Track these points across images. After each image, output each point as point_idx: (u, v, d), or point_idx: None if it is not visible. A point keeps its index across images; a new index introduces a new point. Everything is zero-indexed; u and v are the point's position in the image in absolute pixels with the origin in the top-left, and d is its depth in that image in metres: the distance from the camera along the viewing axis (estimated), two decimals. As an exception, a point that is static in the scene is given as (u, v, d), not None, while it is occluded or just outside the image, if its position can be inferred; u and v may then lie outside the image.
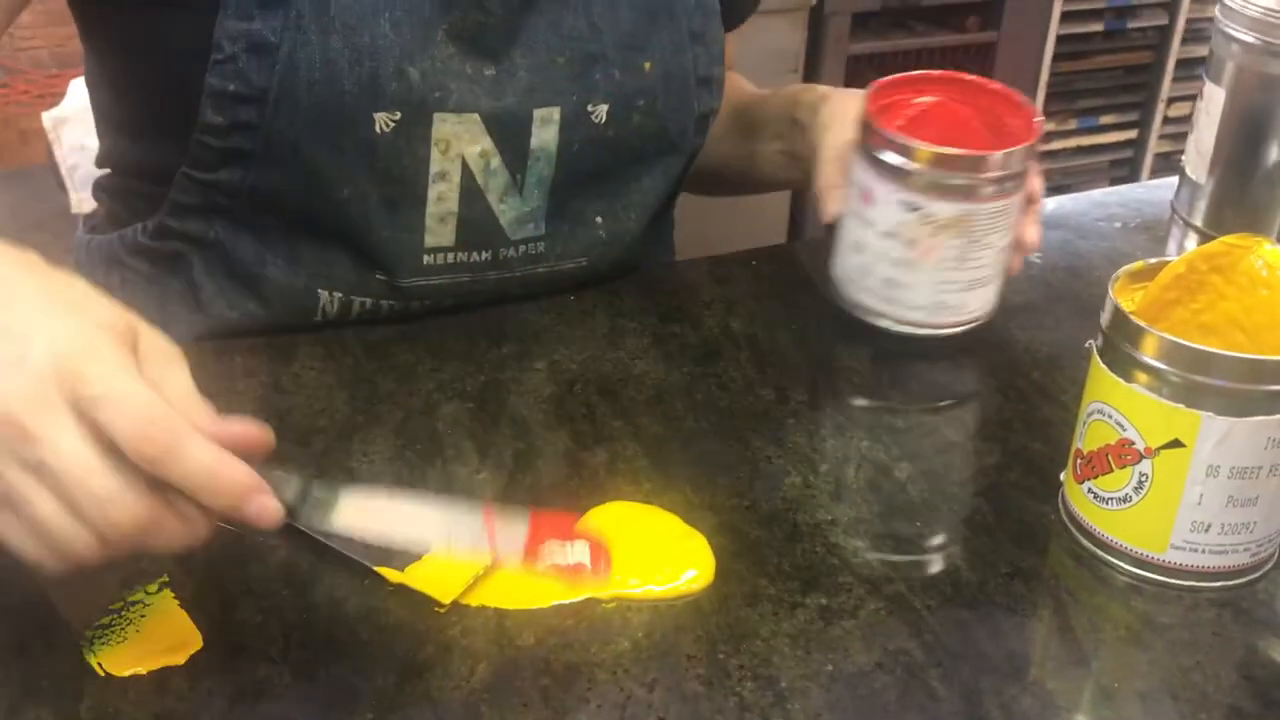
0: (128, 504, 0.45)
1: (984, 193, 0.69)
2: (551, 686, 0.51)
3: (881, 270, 0.72)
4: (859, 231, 0.72)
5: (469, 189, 0.74)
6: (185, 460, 0.45)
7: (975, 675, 0.52)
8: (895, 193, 0.69)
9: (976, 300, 0.73)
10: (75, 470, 0.44)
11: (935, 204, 0.69)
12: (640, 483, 0.64)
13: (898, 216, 0.70)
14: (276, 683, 0.51)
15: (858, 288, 0.74)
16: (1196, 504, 0.55)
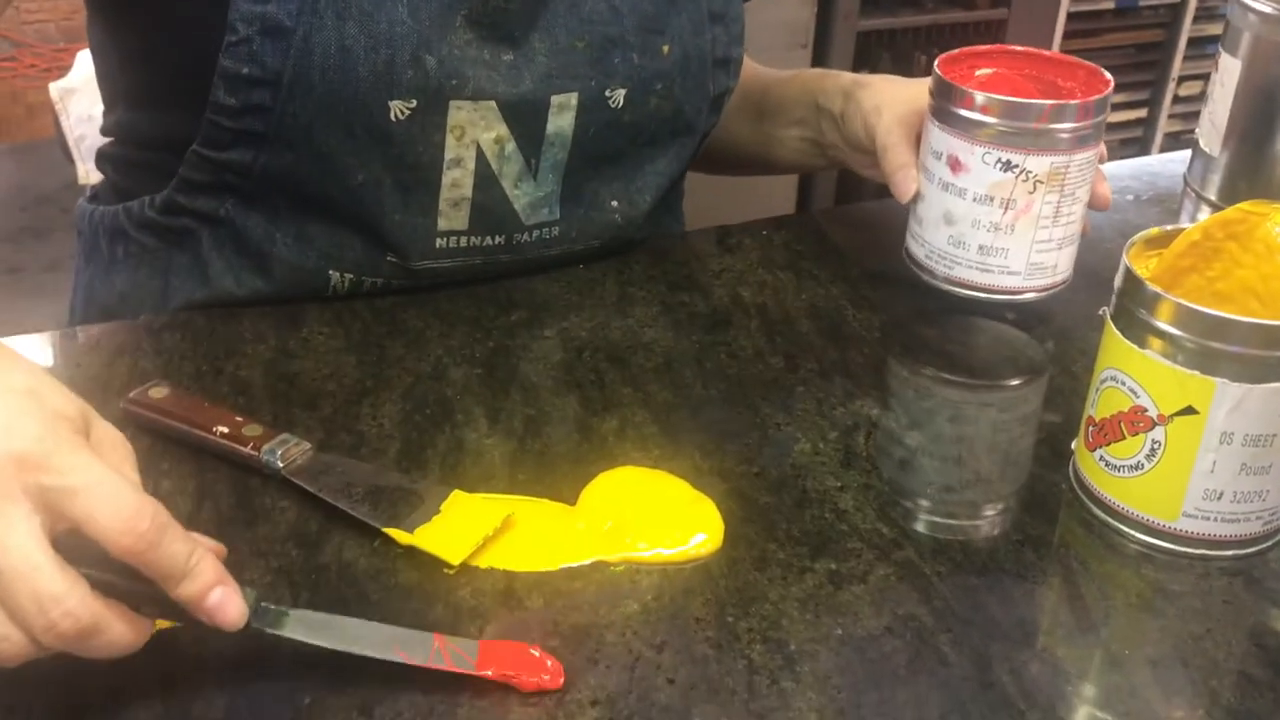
0: (71, 606, 0.42)
1: (1074, 143, 0.69)
2: (560, 647, 0.51)
3: (977, 238, 0.72)
4: (948, 203, 0.72)
5: (483, 174, 0.73)
6: (166, 548, 0.44)
7: (985, 641, 0.52)
8: (990, 153, 0.69)
9: (1065, 260, 0.73)
10: (21, 567, 0.42)
11: (1031, 158, 0.68)
12: (649, 449, 0.64)
13: (993, 177, 0.69)
14: (284, 643, 0.51)
15: (950, 262, 0.73)
16: (1209, 472, 0.55)
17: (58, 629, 0.43)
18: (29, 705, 0.48)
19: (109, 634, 0.44)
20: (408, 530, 0.56)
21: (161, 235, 0.77)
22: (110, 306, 0.79)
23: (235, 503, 0.59)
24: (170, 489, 0.59)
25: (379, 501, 0.57)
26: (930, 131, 0.72)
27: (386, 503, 0.57)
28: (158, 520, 0.44)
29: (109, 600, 0.44)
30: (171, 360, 0.70)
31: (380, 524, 0.56)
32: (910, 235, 0.76)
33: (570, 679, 0.49)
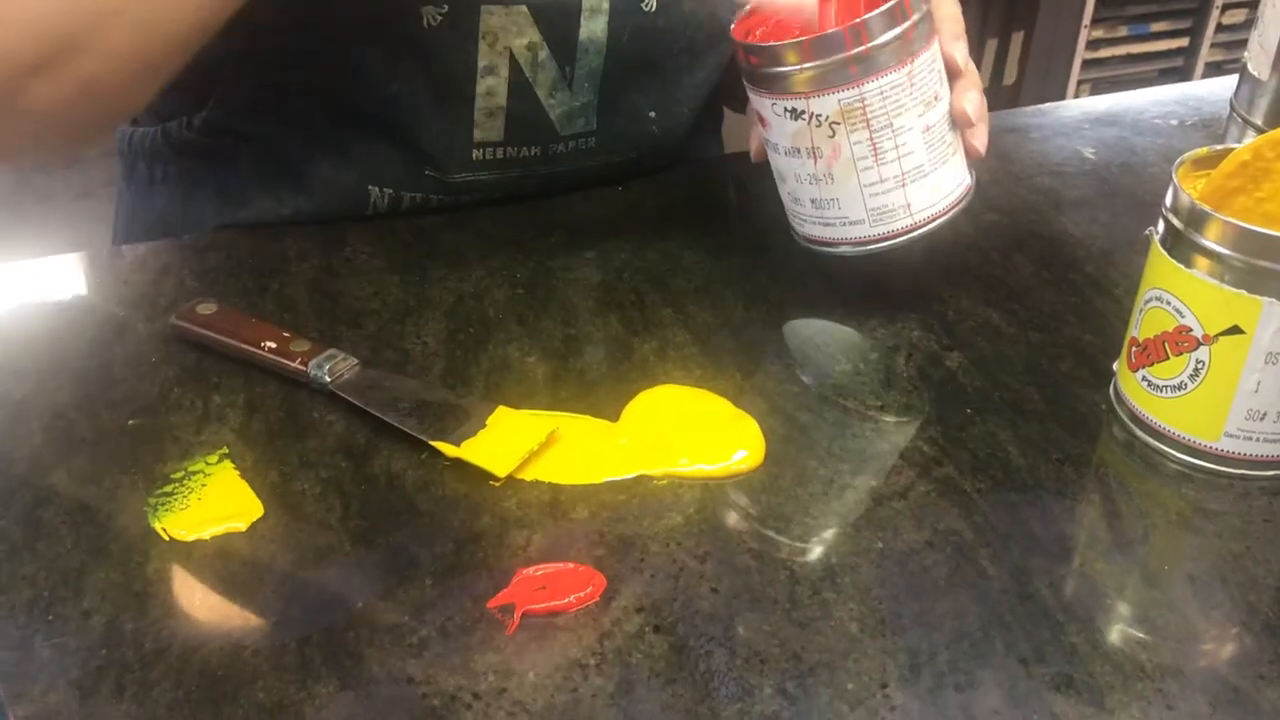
0: None
1: (860, 73, 0.61)
2: (606, 557, 0.52)
3: (806, 192, 0.66)
4: (776, 162, 0.67)
5: (517, 83, 0.73)
6: None
7: (1025, 555, 0.53)
8: (776, 104, 0.63)
9: (922, 194, 0.65)
10: None
11: (814, 100, 0.62)
12: (690, 368, 0.64)
13: (790, 128, 0.64)
14: (337, 549, 0.52)
15: (799, 220, 0.68)
16: (1253, 392, 0.55)
17: None
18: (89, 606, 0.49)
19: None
20: (454, 443, 0.56)
21: (201, 155, 0.78)
22: (152, 227, 0.80)
23: (284, 415, 0.60)
24: (221, 402, 0.60)
25: (425, 416, 0.58)
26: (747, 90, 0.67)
27: (433, 417, 0.58)
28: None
29: None
30: (217, 279, 0.71)
31: (428, 437, 0.57)
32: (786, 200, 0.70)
33: (615, 587, 0.50)
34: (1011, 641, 0.48)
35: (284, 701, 0.45)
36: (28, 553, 0.51)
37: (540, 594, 0.50)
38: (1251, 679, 0.47)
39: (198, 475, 0.56)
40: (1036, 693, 0.46)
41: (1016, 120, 0.90)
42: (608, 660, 0.47)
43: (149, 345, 0.64)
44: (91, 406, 0.60)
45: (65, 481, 0.55)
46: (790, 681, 0.46)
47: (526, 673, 0.46)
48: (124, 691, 0.45)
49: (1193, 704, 0.46)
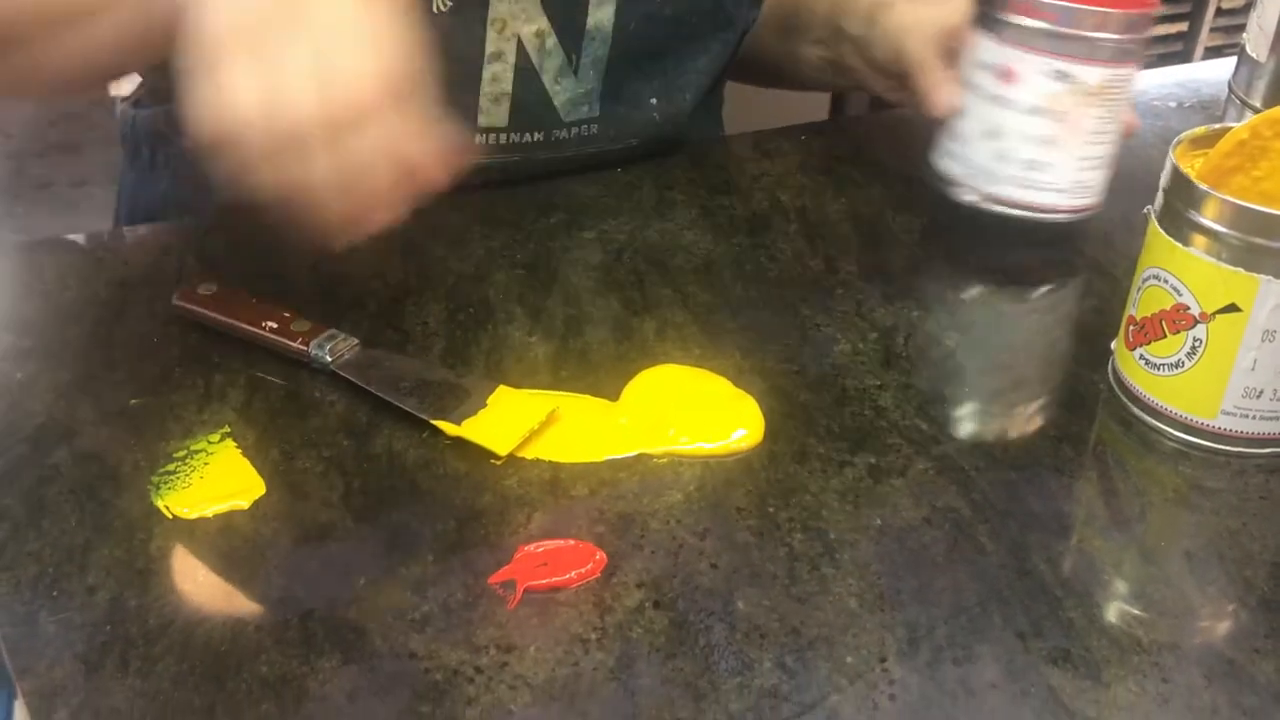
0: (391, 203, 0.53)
1: (1124, 55, 0.68)
2: (606, 534, 0.52)
3: (1024, 152, 0.70)
4: (995, 116, 0.70)
5: (524, 69, 0.73)
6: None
7: (1023, 532, 0.53)
8: (1047, 62, 0.68)
9: (1101, 180, 0.72)
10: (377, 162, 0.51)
11: (1086, 69, 0.67)
12: (690, 348, 0.64)
13: (1047, 88, 0.68)
14: (339, 526, 0.52)
15: (990, 178, 0.72)
16: (1250, 369, 0.55)
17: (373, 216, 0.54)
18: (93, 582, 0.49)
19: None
20: (455, 422, 0.57)
21: None
22: (154, 210, 0.80)
23: (286, 395, 0.60)
24: (222, 382, 0.60)
25: (426, 395, 0.58)
26: (982, 43, 0.71)
27: (434, 396, 0.58)
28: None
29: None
30: (217, 260, 0.71)
31: (429, 416, 0.57)
32: (942, 152, 0.75)
33: (616, 563, 0.51)
34: (1009, 616, 0.49)
35: (287, 675, 0.46)
36: (32, 530, 0.52)
37: (541, 570, 0.50)
38: (1247, 652, 0.48)
39: (200, 454, 0.56)
40: (1034, 666, 0.47)
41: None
42: (608, 635, 0.47)
43: (150, 326, 0.65)
44: (93, 386, 0.60)
45: (68, 460, 0.55)
46: (789, 655, 0.47)
47: (528, 647, 0.47)
48: (129, 666, 0.46)
49: (1189, 677, 0.46)
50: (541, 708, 0.44)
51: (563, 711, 0.44)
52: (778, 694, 0.45)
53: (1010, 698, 0.45)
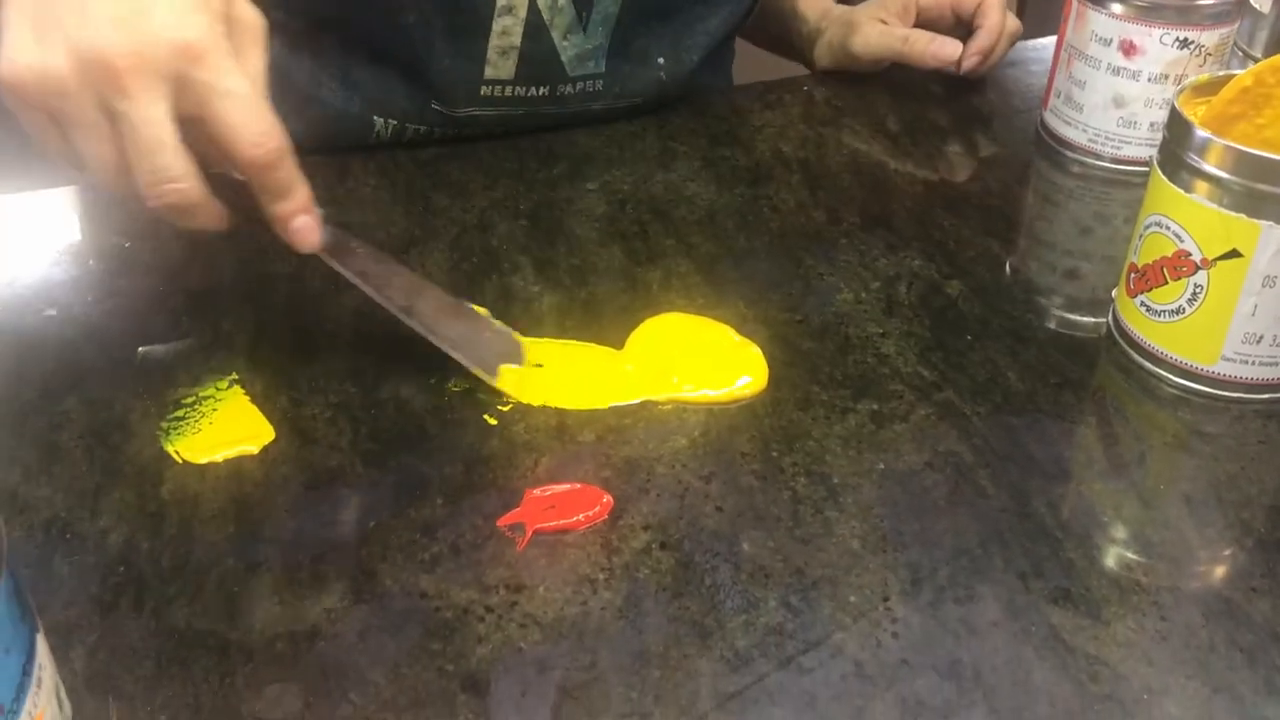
0: (181, 187, 0.48)
1: (1233, 13, 0.72)
2: (613, 478, 0.53)
3: (1149, 117, 0.74)
4: (1118, 87, 0.74)
5: (534, 23, 0.73)
6: (280, 170, 0.49)
7: (1023, 476, 0.54)
8: (1168, 33, 0.71)
9: None
10: (153, 140, 0.47)
11: (1205, 33, 0.71)
12: (694, 297, 0.65)
13: (1170, 56, 0.72)
14: (348, 471, 0.53)
15: (1119, 142, 0.76)
16: (1250, 315, 0.56)
17: (165, 200, 0.48)
18: (105, 525, 0.50)
19: (200, 217, 0.50)
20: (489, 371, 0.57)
21: None
22: None
23: (293, 343, 0.60)
24: (229, 330, 0.61)
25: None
26: (1092, 19, 0.74)
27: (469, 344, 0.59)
28: (282, 142, 0.49)
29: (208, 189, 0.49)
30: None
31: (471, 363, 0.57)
32: (1062, 120, 0.78)
33: (622, 506, 0.51)
34: (1010, 558, 0.49)
35: (299, 615, 0.46)
36: (44, 475, 0.52)
37: (549, 513, 0.51)
38: (1244, 591, 0.48)
39: (209, 400, 0.56)
40: (1035, 605, 0.47)
41: (1016, 54, 0.90)
42: (616, 575, 0.48)
43: (156, 275, 0.65)
44: (101, 334, 0.60)
45: (78, 407, 0.56)
46: (794, 595, 0.47)
47: (537, 587, 0.47)
48: (143, 606, 0.46)
49: (1187, 616, 0.47)
50: (551, 645, 0.45)
51: (572, 649, 0.45)
52: (783, 631, 0.46)
53: (1011, 635, 0.46)
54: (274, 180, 0.50)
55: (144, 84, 0.46)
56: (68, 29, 0.46)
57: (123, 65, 0.45)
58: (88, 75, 0.46)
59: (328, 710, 0.43)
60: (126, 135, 0.47)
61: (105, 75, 0.46)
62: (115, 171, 0.48)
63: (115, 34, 0.45)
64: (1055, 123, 0.78)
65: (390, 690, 0.43)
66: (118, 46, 0.45)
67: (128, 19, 0.46)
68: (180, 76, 0.47)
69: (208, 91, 0.47)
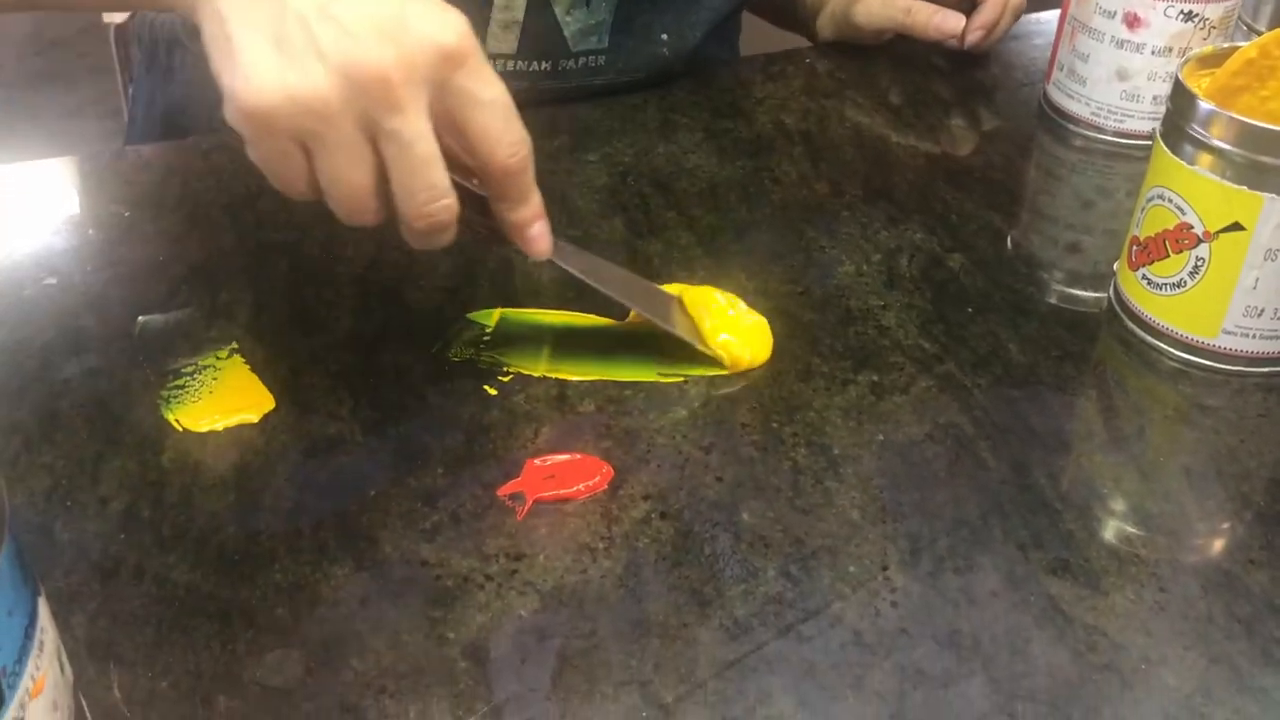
0: (449, 203, 0.46)
1: None
2: (613, 449, 0.53)
3: (1153, 90, 0.74)
4: (1121, 60, 0.74)
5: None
6: (526, 175, 0.48)
7: (1024, 448, 0.54)
8: (1171, 6, 0.71)
9: None
10: (427, 155, 0.44)
11: (1209, 6, 0.71)
12: (695, 269, 0.64)
13: (1174, 29, 0.72)
14: (349, 439, 0.53)
15: (1122, 115, 0.75)
16: (1252, 288, 0.56)
17: (435, 219, 0.46)
18: (106, 493, 0.50)
19: (449, 235, 0.49)
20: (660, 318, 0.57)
21: None
22: (171, 114, 0.80)
23: (292, 312, 0.60)
24: (229, 300, 0.61)
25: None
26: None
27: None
28: (530, 150, 0.48)
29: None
30: (222, 179, 0.71)
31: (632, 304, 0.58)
32: (1065, 93, 0.77)
33: (622, 476, 0.51)
34: (1010, 529, 0.50)
35: (300, 582, 0.46)
36: (45, 443, 0.52)
37: (549, 483, 0.51)
38: (1242, 563, 0.48)
39: (209, 369, 0.56)
40: (1034, 576, 0.47)
41: (1019, 28, 0.90)
42: (615, 544, 0.48)
43: (156, 244, 0.65)
44: (101, 304, 0.60)
45: (78, 376, 0.56)
46: (793, 564, 0.48)
47: (537, 556, 0.48)
48: (144, 574, 0.47)
49: (1185, 587, 0.47)
50: (551, 613, 0.45)
51: (572, 617, 0.45)
52: (782, 600, 0.46)
53: (1011, 605, 0.46)
54: (517, 187, 0.49)
55: (414, 96, 0.43)
56: (323, 44, 0.42)
57: (396, 78, 0.42)
58: (355, 92, 0.42)
59: (329, 677, 0.43)
60: (395, 154, 0.44)
61: (377, 91, 0.42)
62: (367, 196, 0.45)
63: (382, 45, 0.42)
64: (1058, 96, 0.78)
65: (390, 657, 0.44)
66: (388, 59, 0.42)
67: (391, 28, 0.43)
68: (443, 84, 0.44)
69: (468, 99, 0.45)
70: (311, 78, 0.42)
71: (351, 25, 0.42)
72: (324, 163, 0.45)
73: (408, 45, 0.43)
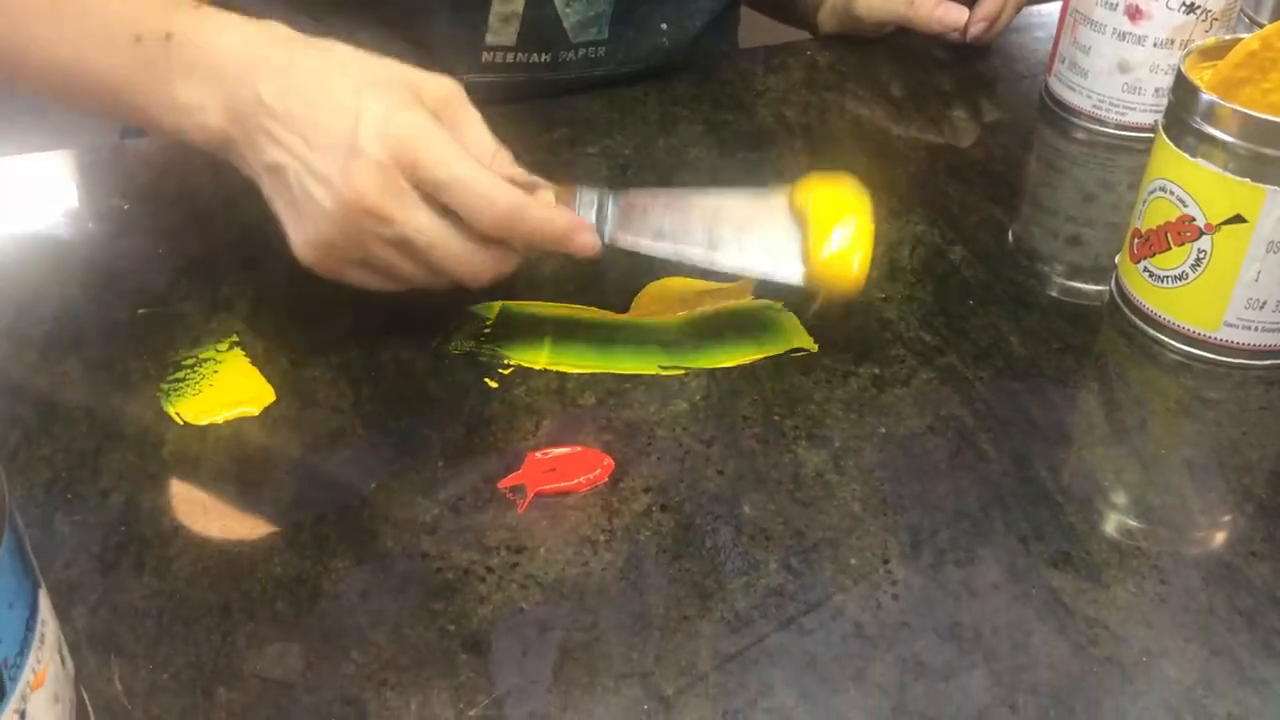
0: (478, 260, 0.52)
1: None
2: (614, 441, 0.53)
3: (1154, 82, 0.74)
4: (1123, 52, 0.74)
5: None
6: (526, 224, 0.52)
7: (1025, 440, 0.54)
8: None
9: None
10: (433, 241, 0.51)
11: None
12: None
13: (1176, 21, 0.72)
14: (349, 432, 0.53)
15: (1124, 108, 0.75)
16: (1254, 281, 0.56)
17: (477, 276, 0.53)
18: (106, 486, 0.50)
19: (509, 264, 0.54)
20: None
21: None
22: None
23: (292, 305, 0.60)
24: (229, 293, 0.61)
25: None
26: None
27: None
28: (514, 202, 0.51)
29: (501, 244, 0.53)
30: (221, 173, 0.70)
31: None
32: (1066, 86, 0.77)
33: (623, 469, 0.51)
34: (1011, 521, 0.50)
35: (301, 575, 0.46)
36: (44, 436, 0.52)
37: (550, 475, 0.51)
38: (1244, 555, 0.48)
39: (209, 362, 0.56)
40: (1035, 569, 0.47)
41: (1020, 20, 0.90)
42: (617, 537, 0.48)
43: (155, 237, 0.65)
44: (100, 296, 0.60)
45: (78, 368, 0.56)
46: (794, 557, 0.48)
47: (538, 548, 0.47)
48: (144, 565, 0.47)
49: (1186, 579, 0.47)
50: (552, 606, 0.45)
51: (573, 609, 0.45)
52: (783, 593, 0.46)
53: (1012, 598, 0.46)
54: (525, 233, 0.52)
55: (399, 205, 0.50)
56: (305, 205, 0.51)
57: (368, 205, 0.50)
58: (353, 224, 0.50)
59: (329, 669, 0.43)
60: (411, 251, 0.51)
61: (361, 219, 0.50)
62: (433, 276, 0.53)
63: (344, 184, 0.49)
64: (1060, 88, 0.78)
65: (392, 650, 0.44)
66: (349, 193, 0.49)
67: (346, 154, 0.49)
68: (414, 182, 0.50)
69: (435, 189, 0.50)
70: (320, 229, 0.51)
71: (322, 169, 0.50)
72: (382, 274, 0.53)
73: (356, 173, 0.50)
